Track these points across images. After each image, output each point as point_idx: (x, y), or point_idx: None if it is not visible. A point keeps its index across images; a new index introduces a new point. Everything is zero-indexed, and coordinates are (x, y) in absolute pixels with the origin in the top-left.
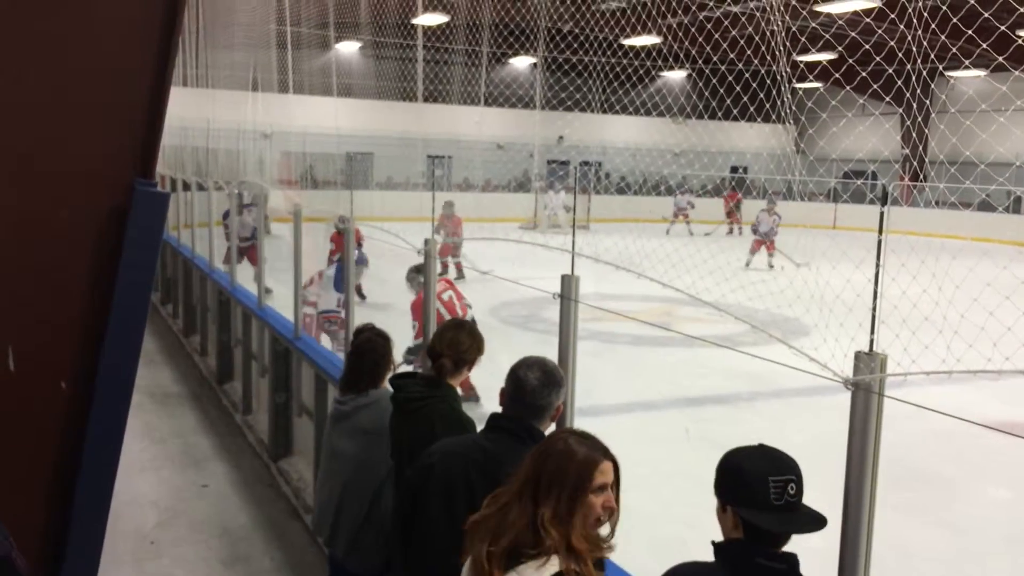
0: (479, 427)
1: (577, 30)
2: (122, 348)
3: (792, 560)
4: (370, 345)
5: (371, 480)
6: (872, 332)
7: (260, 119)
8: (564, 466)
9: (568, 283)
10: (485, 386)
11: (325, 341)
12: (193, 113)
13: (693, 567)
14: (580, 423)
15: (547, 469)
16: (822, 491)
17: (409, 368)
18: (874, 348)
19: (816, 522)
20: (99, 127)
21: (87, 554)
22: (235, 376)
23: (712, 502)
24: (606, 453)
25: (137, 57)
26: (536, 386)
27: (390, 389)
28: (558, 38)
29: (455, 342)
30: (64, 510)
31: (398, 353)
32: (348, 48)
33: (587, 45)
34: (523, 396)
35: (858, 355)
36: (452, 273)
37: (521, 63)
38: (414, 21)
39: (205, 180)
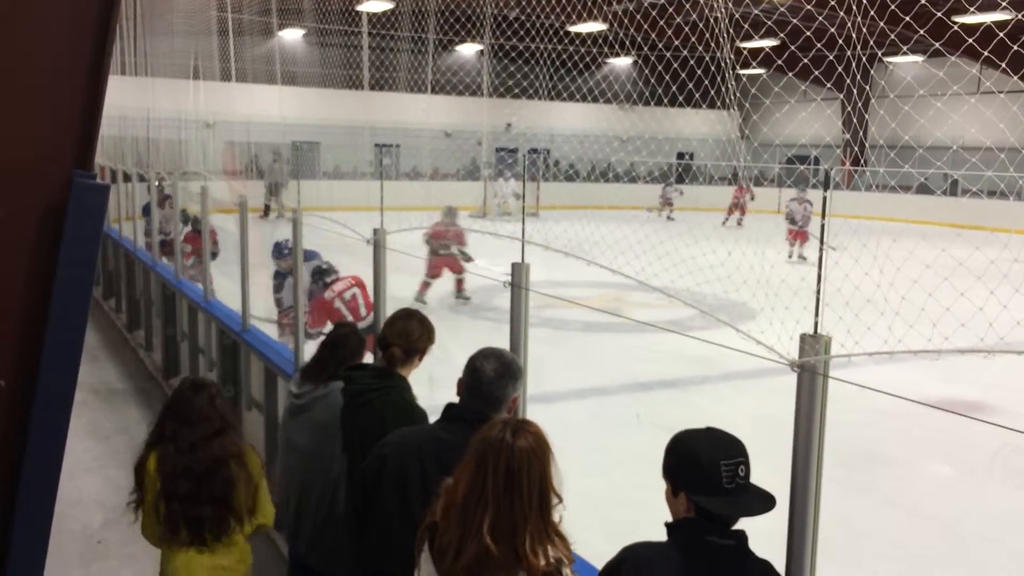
0: (432, 418)
1: (523, 17)
2: (63, 345)
3: (741, 536)
4: (345, 341)
5: (330, 474)
6: (816, 315)
7: (202, 108)
8: (535, 464)
9: (519, 271)
10: (435, 375)
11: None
12: (133, 102)
13: (646, 546)
14: (532, 410)
15: (515, 471)
16: (771, 471)
17: None
18: (818, 330)
19: (765, 501)
20: (33, 118)
21: (31, 556)
22: (182, 371)
23: (663, 485)
24: (540, 433)
25: (73, 44)
26: (493, 377)
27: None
28: (504, 25)
29: (406, 331)
30: (6, 512)
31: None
32: (292, 35)
33: (533, 32)
34: (480, 386)
35: (803, 337)
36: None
37: (468, 50)
38: (359, 8)
39: (146, 171)
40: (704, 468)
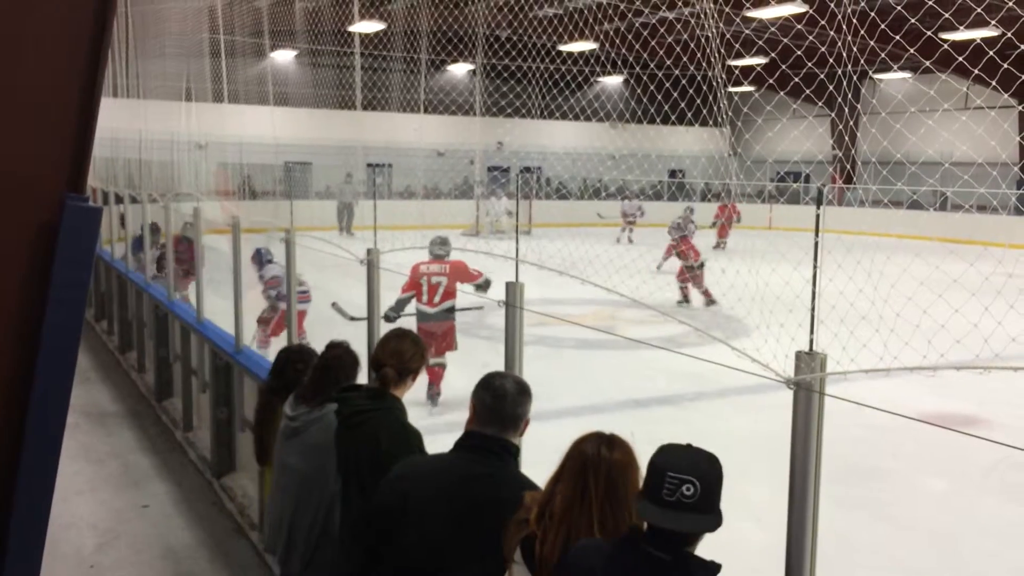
0: (425, 437)
1: (515, 36)
2: (55, 368)
3: (681, 556)
4: (339, 363)
5: (323, 496)
6: (812, 332)
7: (194, 129)
8: (630, 475)
9: (513, 290)
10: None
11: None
12: (125, 124)
13: (594, 540)
14: (528, 429)
15: (614, 481)
16: (767, 487)
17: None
18: (814, 347)
19: (698, 524)
20: (25, 140)
21: None
22: (175, 392)
23: None
24: (629, 447)
25: (66, 67)
26: (515, 393)
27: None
28: (496, 44)
29: (399, 351)
30: None
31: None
32: (283, 57)
33: (525, 51)
34: (503, 404)
35: (799, 355)
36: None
37: (459, 70)
38: (350, 29)
39: (138, 192)
40: (651, 473)
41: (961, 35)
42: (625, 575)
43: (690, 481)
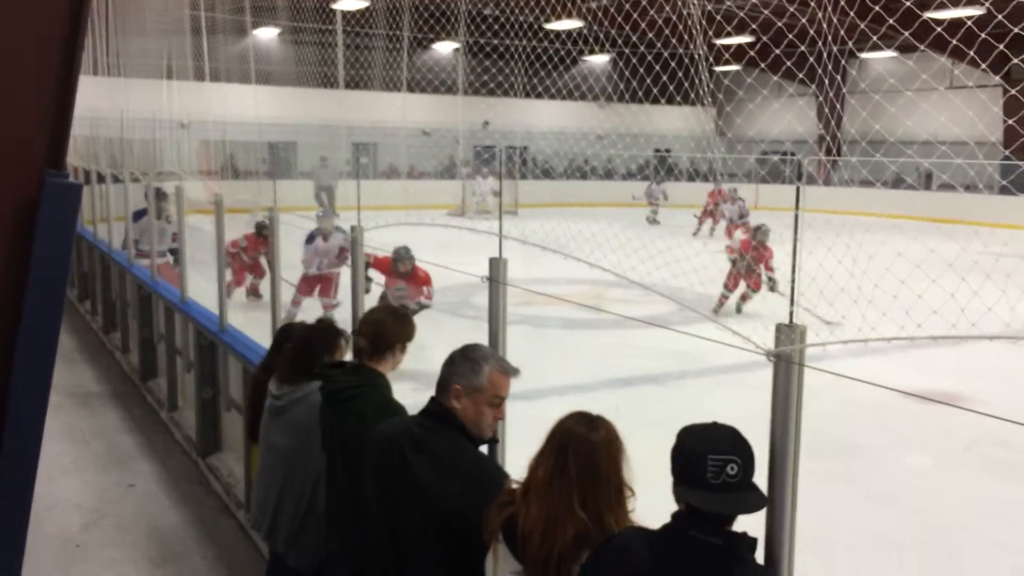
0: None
1: (498, 13)
2: (37, 348)
3: (732, 537)
4: (319, 337)
5: (309, 474)
6: (792, 304)
7: (176, 108)
8: (610, 456)
9: (496, 265)
10: (416, 372)
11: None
12: (106, 103)
13: (635, 529)
14: (513, 407)
15: (595, 461)
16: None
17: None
18: (793, 320)
19: (751, 503)
20: (3, 116)
21: (8, 562)
22: (159, 372)
23: (645, 479)
24: (612, 429)
25: (44, 43)
26: (456, 355)
27: None
28: (479, 21)
29: (376, 322)
30: None
31: None
32: (266, 34)
33: (509, 29)
34: (443, 368)
35: (778, 327)
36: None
37: (443, 48)
38: (333, 6)
39: (120, 171)
40: (691, 460)
41: (946, 13)
42: (677, 562)
43: (733, 460)
